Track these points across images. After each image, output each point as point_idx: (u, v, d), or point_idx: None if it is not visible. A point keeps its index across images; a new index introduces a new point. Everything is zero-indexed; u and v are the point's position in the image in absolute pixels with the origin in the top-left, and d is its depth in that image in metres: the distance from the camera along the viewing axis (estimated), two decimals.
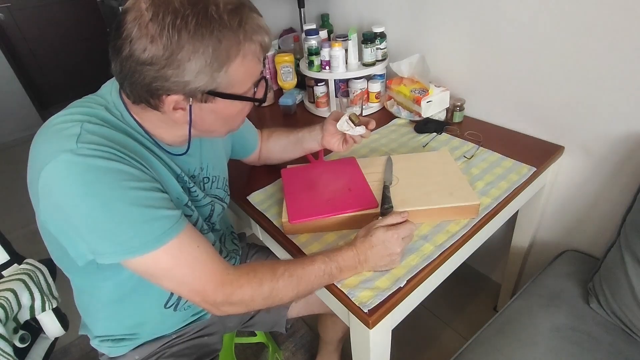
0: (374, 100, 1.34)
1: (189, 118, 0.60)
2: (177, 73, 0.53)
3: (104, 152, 0.55)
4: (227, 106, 0.61)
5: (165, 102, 0.56)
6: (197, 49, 0.52)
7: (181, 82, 0.54)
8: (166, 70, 0.52)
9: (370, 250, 0.70)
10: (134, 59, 0.53)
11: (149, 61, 0.52)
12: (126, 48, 0.52)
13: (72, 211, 0.53)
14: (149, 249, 0.56)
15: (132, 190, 0.55)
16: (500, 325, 0.94)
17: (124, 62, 0.54)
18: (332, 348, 1.28)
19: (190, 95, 0.56)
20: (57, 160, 0.52)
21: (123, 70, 0.55)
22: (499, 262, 1.49)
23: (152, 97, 0.56)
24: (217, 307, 0.62)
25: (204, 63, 0.53)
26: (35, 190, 0.55)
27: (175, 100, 0.56)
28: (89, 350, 1.54)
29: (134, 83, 0.55)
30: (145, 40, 0.51)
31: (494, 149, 1.05)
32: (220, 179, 0.85)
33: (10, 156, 3.16)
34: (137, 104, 0.60)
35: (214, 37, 0.52)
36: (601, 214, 1.09)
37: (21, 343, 0.89)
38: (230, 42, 0.54)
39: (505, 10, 1.03)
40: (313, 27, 1.33)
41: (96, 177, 0.53)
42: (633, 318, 0.84)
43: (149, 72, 0.53)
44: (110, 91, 0.64)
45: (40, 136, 0.58)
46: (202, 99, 0.58)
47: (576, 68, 0.96)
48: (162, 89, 0.55)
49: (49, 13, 3.39)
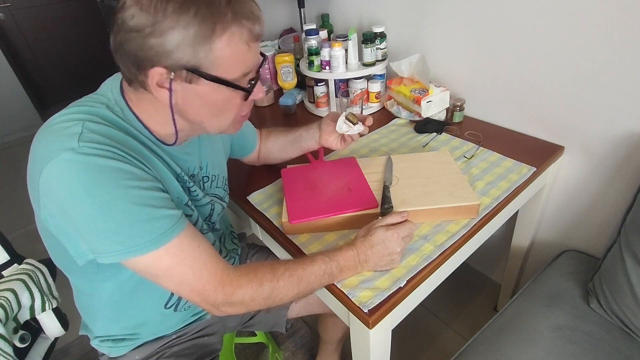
0: (374, 100, 1.34)
1: (170, 96, 0.58)
2: (160, 42, 0.53)
3: (105, 151, 0.55)
4: (211, 91, 0.59)
5: (149, 76, 0.55)
6: (181, 19, 0.52)
7: (163, 52, 0.53)
8: (149, 38, 0.53)
9: (370, 250, 0.70)
10: (124, 26, 0.53)
11: (135, 28, 0.53)
12: (119, 17, 0.54)
13: (73, 210, 0.53)
14: (149, 248, 0.56)
15: (133, 190, 0.55)
16: (500, 325, 0.94)
17: (117, 32, 0.55)
18: (332, 348, 1.28)
19: (172, 70, 0.55)
20: (59, 159, 0.52)
21: (115, 42, 0.56)
22: (499, 262, 1.49)
23: (139, 71, 0.56)
24: (217, 308, 0.62)
25: (187, 35, 0.53)
26: (36, 188, 0.55)
27: (159, 74, 0.55)
28: (89, 350, 1.54)
29: (123, 54, 0.56)
30: (135, 7, 0.52)
31: (494, 149, 1.05)
32: (219, 178, 0.85)
33: (10, 156, 3.16)
34: (131, 84, 0.60)
35: (200, 11, 0.52)
36: (601, 214, 1.09)
37: (21, 343, 0.88)
38: (216, 18, 0.53)
39: (505, 10, 1.03)
40: (313, 27, 1.33)
41: (98, 176, 0.53)
42: (633, 318, 0.84)
43: (136, 40, 0.53)
44: (111, 88, 0.64)
45: (41, 135, 0.57)
46: (186, 78, 0.56)
47: (576, 68, 0.96)
48: (146, 60, 0.54)
49: (49, 13, 3.39)
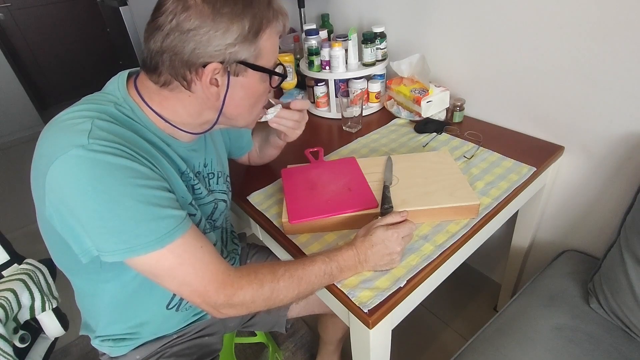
0: (374, 100, 1.34)
1: (224, 92, 0.63)
2: (221, 36, 0.58)
3: (114, 148, 0.55)
4: (256, 82, 0.65)
5: (204, 74, 0.60)
6: (238, 16, 0.58)
7: (223, 45, 0.58)
8: (212, 33, 0.57)
9: (370, 250, 0.70)
10: (179, 28, 0.57)
11: (195, 27, 0.57)
12: (172, 21, 0.57)
13: (80, 206, 0.53)
14: (153, 247, 0.56)
15: (140, 188, 0.56)
16: (500, 325, 0.94)
17: (168, 35, 0.57)
18: (332, 348, 1.28)
19: (227, 64, 0.60)
20: (68, 155, 0.52)
21: (164, 45, 0.58)
22: (499, 262, 1.49)
23: (190, 71, 0.60)
24: (218, 309, 0.62)
25: (243, 28, 0.59)
26: (42, 184, 0.55)
27: (214, 69, 0.59)
28: (89, 350, 1.54)
29: (174, 55, 0.58)
30: (192, 10, 0.56)
31: (494, 149, 1.05)
32: (223, 175, 0.85)
33: (10, 156, 3.16)
34: (167, 85, 0.62)
35: (252, 8, 0.59)
36: (601, 214, 1.09)
37: (21, 343, 0.88)
38: (263, 14, 0.60)
39: (505, 10, 1.03)
40: (313, 27, 1.33)
41: (106, 173, 0.53)
42: (633, 318, 0.84)
43: (195, 38, 0.57)
44: (118, 87, 0.64)
45: (49, 131, 0.57)
46: (236, 71, 0.62)
47: (576, 68, 0.96)
48: (203, 56, 0.58)
49: (49, 13, 3.39)
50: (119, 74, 0.67)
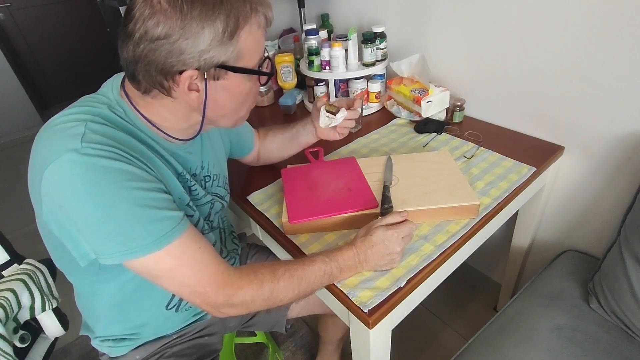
0: (374, 100, 1.34)
1: (204, 97, 0.60)
2: (192, 43, 0.54)
3: (108, 152, 0.54)
4: (238, 82, 0.62)
5: (180, 81, 0.57)
6: (209, 17, 0.53)
7: (196, 52, 0.54)
8: (181, 41, 0.53)
9: (370, 250, 0.70)
10: (148, 36, 0.53)
11: (164, 35, 0.53)
12: (140, 28, 0.53)
13: (76, 211, 0.53)
14: (151, 250, 0.56)
15: (136, 191, 0.55)
16: (500, 325, 0.94)
17: (138, 43, 0.54)
18: (332, 348, 1.28)
19: (204, 70, 0.57)
20: (61, 160, 0.52)
21: (136, 54, 0.55)
22: (499, 262, 1.49)
23: (167, 79, 0.57)
24: (218, 309, 0.62)
25: (216, 31, 0.54)
26: (38, 189, 0.55)
27: (190, 76, 0.56)
28: (89, 350, 1.54)
29: (148, 64, 0.55)
30: (159, 15, 0.52)
31: (494, 149, 1.05)
32: (220, 177, 0.85)
33: (10, 156, 3.16)
34: (148, 92, 0.60)
35: (224, 6, 0.54)
36: (601, 214, 1.09)
37: (21, 343, 0.88)
38: (239, 11, 0.55)
39: (505, 10, 1.03)
40: (313, 27, 1.33)
41: (100, 177, 0.53)
42: (633, 318, 0.84)
43: (164, 47, 0.54)
44: (112, 89, 0.64)
45: (43, 135, 0.57)
46: (215, 75, 0.58)
47: (576, 68, 0.96)
48: (177, 64, 0.55)
49: (49, 13, 3.39)
50: (115, 75, 0.67)
